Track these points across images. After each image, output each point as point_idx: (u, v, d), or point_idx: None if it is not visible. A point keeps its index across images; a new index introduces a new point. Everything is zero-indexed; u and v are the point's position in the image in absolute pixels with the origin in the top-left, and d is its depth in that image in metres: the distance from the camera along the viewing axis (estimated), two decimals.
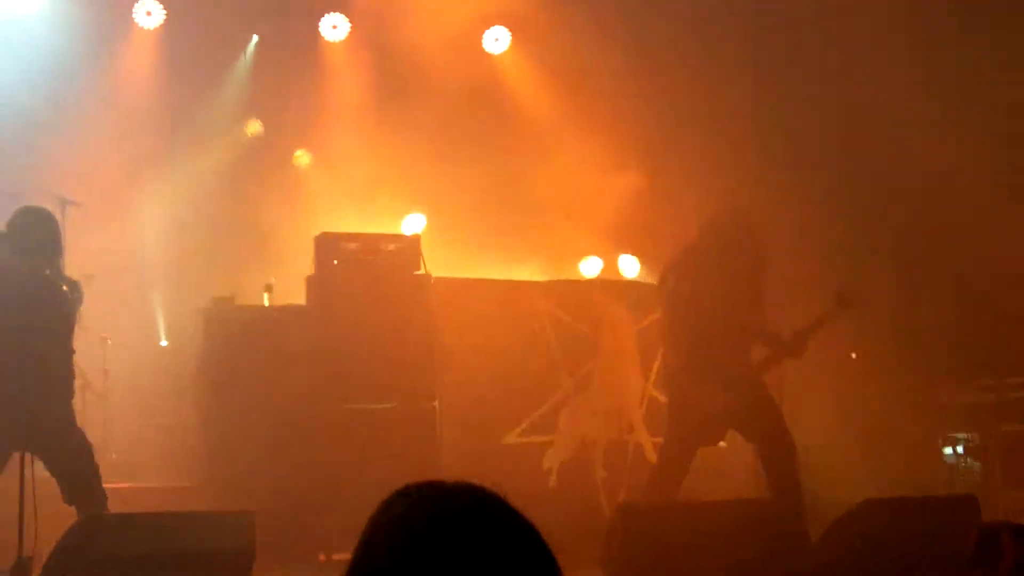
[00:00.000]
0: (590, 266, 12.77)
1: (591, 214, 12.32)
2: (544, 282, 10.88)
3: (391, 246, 9.94)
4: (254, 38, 12.98)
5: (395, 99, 12.58)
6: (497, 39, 13.31)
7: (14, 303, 6.90)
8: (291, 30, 12.96)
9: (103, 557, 6.18)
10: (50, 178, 10.10)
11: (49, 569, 6.18)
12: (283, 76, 12.66)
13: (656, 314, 9.63)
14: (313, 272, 9.87)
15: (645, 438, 10.04)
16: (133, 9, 12.37)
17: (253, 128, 12.98)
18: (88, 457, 7.15)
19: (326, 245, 9.83)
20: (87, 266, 8.64)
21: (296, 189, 12.89)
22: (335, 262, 9.76)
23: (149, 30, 12.45)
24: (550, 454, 9.94)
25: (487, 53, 13.33)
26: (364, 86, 12.71)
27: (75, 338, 7.31)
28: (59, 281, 7.10)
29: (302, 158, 13.14)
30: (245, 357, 9.49)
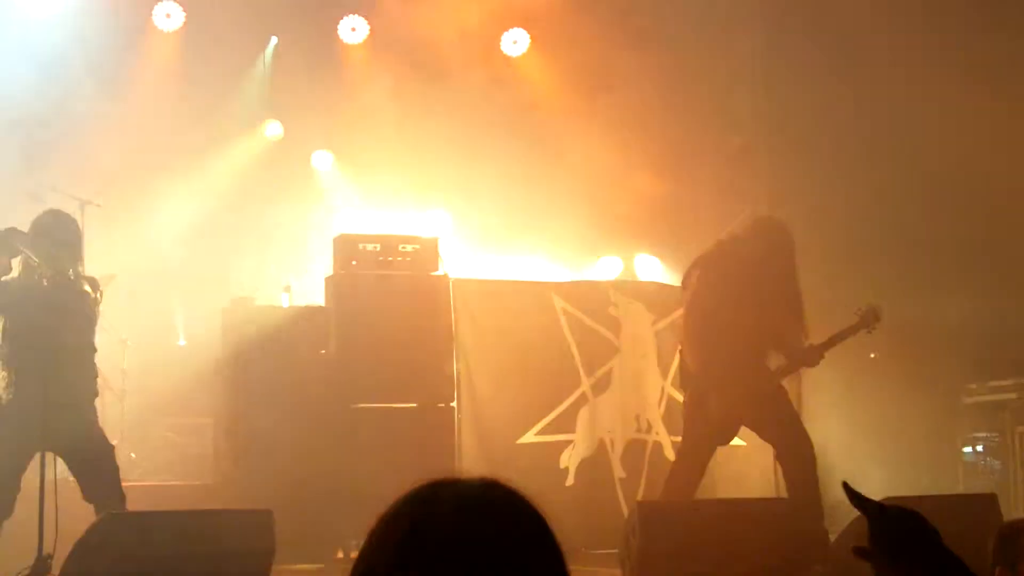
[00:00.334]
0: (608, 266, 12.76)
1: (609, 215, 12.32)
2: (562, 282, 10.88)
3: (409, 247, 9.97)
4: (273, 40, 13.02)
5: (413, 101, 12.59)
6: (515, 41, 13.31)
7: (39, 304, 6.94)
8: (310, 32, 12.99)
9: (122, 555, 6.21)
10: (70, 179, 10.13)
11: (69, 567, 6.21)
12: (302, 78, 12.69)
13: (674, 314, 9.63)
14: (332, 273, 9.91)
15: (664, 437, 10.03)
16: (153, 11, 12.42)
17: (272, 129, 13.01)
18: (109, 456, 7.19)
19: (345, 246, 9.86)
20: (107, 267, 8.66)
21: (315, 190, 12.93)
22: (354, 263, 9.80)
23: (169, 32, 12.50)
24: (568, 453, 9.93)
25: (506, 55, 13.33)
26: (383, 88, 12.72)
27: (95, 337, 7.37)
28: (82, 282, 7.15)
29: (321, 159, 13.16)
30: (263, 357, 9.52)
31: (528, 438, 9.84)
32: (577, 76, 12.93)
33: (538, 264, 12.10)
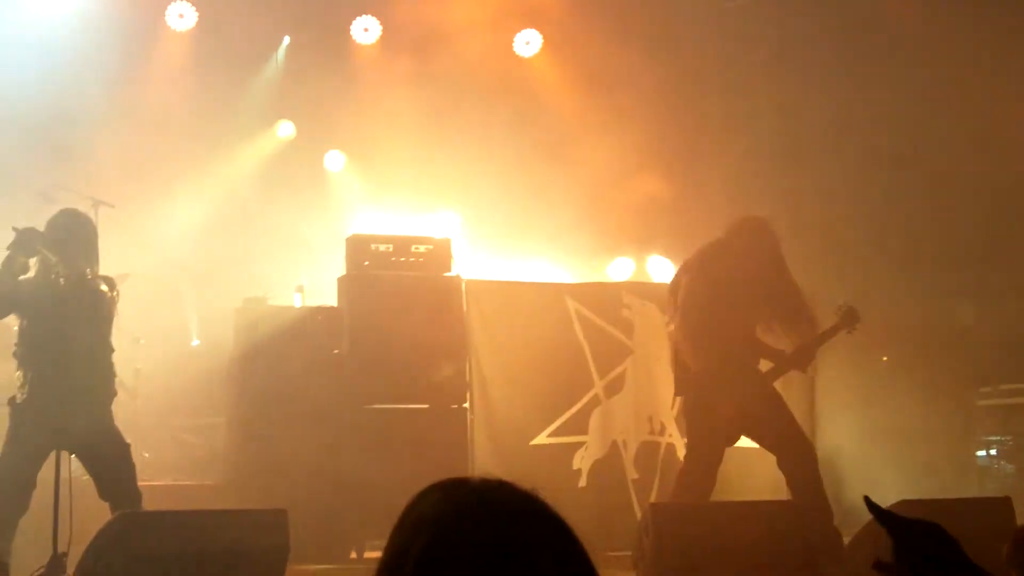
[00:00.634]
0: (621, 268, 12.74)
1: (622, 216, 12.31)
2: (575, 284, 10.87)
3: (422, 247, 9.97)
4: (285, 40, 13.03)
5: (426, 101, 12.60)
6: (528, 42, 13.32)
7: (56, 304, 6.96)
8: (322, 32, 13.01)
9: (137, 554, 6.21)
10: (83, 179, 10.16)
11: (83, 566, 6.21)
12: (314, 78, 12.70)
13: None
14: (344, 273, 9.91)
15: (677, 439, 10.01)
16: (166, 12, 12.44)
17: (284, 130, 13.02)
18: (125, 455, 7.19)
19: (357, 246, 9.87)
20: (119, 267, 8.67)
21: (328, 190, 12.94)
22: (366, 263, 9.80)
23: (181, 32, 12.52)
24: (581, 455, 9.92)
25: (518, 56, 13.34)
26: (395, 88, 12.74)
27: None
28: (98, 281, 7.16)
29: (333, 159, 13.17)
30: (276, 357, 9.52)
31: (541, 439, 9.83)
32: (589, 77, 12.93)
33: (550, 265, 12.10)
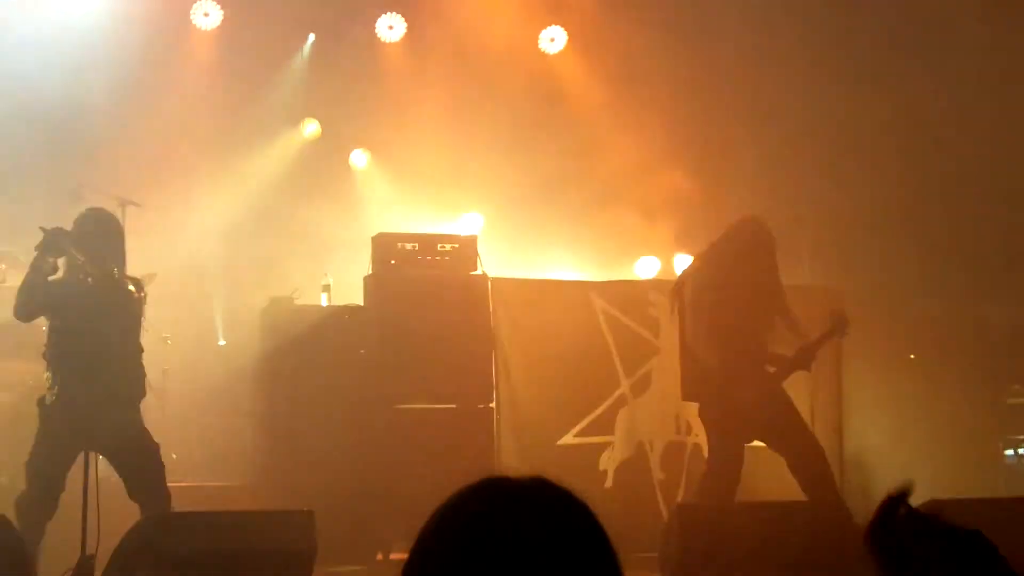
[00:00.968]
0: (647, 266, 12.70)
1: (648, 214, 12.27)
2: (601, 282, 10.83)
3: (448, 246, 9.97)
4: (310, 38, 13.04)
5: (450, 99, 12.60)
6: (553, 39, 13.30)
7: (85, 304, 6.98)
8: (348, 30, 13.01)
9: (165, 555, 6.23)
10: (109, 178, 10.18)
11: (112, 567, 6.24)
12: (340, 76, 12.70)
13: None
14: (370, 272, 9.91)
15: (703, 439, 9.98)
16: (191, 10, 12.47)
17: (310, 128, 13.03)
18: (154, 455, 7.21)
19: (383, 245, 9.86)
20: (146, 266, 8.70)
21: (353, 189, 12.95)
22: (392, 262, 9.80)
23: (207, 31, 12.55)
24: (607, 455, 9.90)
25: (543, 53, 13.32)
26: (421, 86, 12.74)
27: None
28: (126, 281, 7.18)
29: (359, 158, 13.18)
30: (303, 357, 9.55)
31: (567, 439, 9.81)
32: (614, 73, 12.90)
33: (575, 263, 12.08)
